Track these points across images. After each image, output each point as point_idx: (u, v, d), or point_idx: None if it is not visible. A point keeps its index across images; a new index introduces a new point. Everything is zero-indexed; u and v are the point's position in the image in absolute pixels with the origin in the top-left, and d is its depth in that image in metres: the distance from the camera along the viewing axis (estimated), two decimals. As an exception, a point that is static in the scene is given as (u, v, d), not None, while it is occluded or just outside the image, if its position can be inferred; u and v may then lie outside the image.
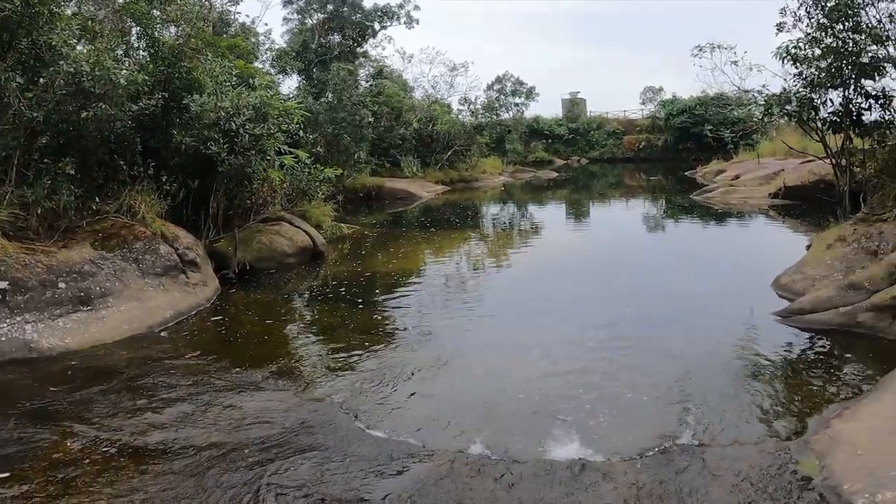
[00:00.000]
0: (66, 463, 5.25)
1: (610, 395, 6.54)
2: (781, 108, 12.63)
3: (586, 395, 6.55)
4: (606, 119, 56.32)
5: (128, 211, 10.53)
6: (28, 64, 9.78)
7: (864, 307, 8.09)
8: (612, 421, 5.96)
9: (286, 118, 12.87)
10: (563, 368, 7.33)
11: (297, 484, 4.94)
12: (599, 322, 9.07)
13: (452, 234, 18.20)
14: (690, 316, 9.38)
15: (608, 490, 4.80)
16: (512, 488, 4.87)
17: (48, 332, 8.08)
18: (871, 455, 4.90)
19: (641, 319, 9.20)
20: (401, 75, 36.75)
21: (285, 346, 8.76)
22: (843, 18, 11.16)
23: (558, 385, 6.86)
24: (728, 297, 10.27)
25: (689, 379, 6.83)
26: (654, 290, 10.88)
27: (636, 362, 7.46)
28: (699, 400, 6.29)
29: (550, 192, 31.90)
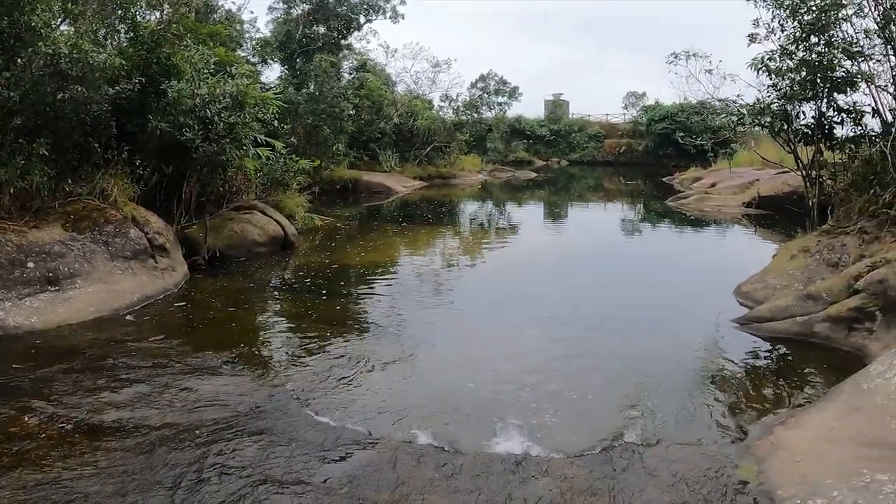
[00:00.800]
0: (21, 437, 5.46)
1: (561, 393, 6.73)
2: (754, 119, 12.90)
3: (538, 391, 6.75)
4: (588, 122, 56.87)
5: (100, 194, 10.62)
6: (7, 44, 9.86)
7: (821, 318, 8.33)
8: (560, 418, 6.16)
9: (263, 108, 13.01)
10: (521, 365, 7.54)
11: (240, 465, 5.16)
12: (562, 321, 9.37)
13: (426, 229, 18.46)
14: (652, 319, 9.64)
15: (543, 485, 4.97)
16: (450, 478, 5.06)
17: (15, 311, 8.23)
18: (808, 463, 5.05)
19: (604, 320, 9.52)
20: (384, 69, 36.94)
21: (248, 334, 8.94)
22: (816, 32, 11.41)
23: (513, 381, 7.05)
24: (691, 302, 10.59)
25: (641, 381, 7.05)
26: (620, 293, 11.21)
27: (592, 362, 7.69)
28: (648, 402, 6.50)
29: (528, 192, 32.27)
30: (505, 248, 16.35)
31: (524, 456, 5.43)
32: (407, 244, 16.05)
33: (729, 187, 25.11)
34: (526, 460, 5.36)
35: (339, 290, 11.26)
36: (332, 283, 11.64)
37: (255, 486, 4.87)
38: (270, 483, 4.93)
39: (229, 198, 13.28)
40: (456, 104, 38.26)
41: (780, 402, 6.57)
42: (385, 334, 8.77)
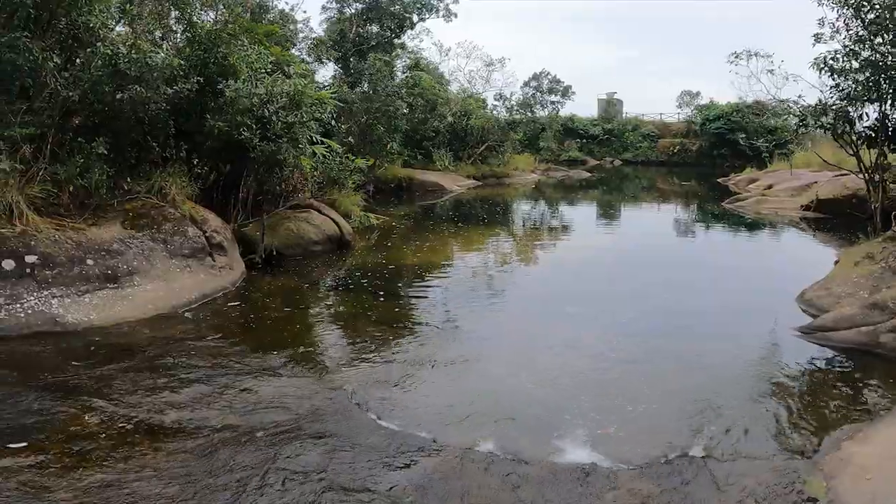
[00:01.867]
0: (82, 436, 5.35)
1: (623, 401, 6.48)
2: (817, 120, 12.46)
3: (599, 398, 6.52)
4: (642, 121, 55.76)
5: (158, 192, 10.64)
6: (66, 44, 9.93)
7: (888, 328, 7.91)
8: (623, 427, 5.91)
9: (319, 107, 12.93)
10: (580, 371, 7.30)
11: (304, 470, 4.97)
12: (619, 326, 9.04)
13: (481, 229, 18.20)
14: (712, 325, 9.29)
15: (611, 498, 4.76)
16: (517, 489, 4.85)
17: (74, 308, 8.21)
18: (878, 481, 4.82)
19: (662, 325, 9.18)
20: (437, 68, 36.72)
21: (305, 334, 8.83)
22: (882, 32, 10.97)
23: (573, 385, 6.85)
24: (752, 308, 10.16)
25: (704, 390, 6.76)
26: (678, 297, 10.81)
27: (652, 369, 7.41)
28: (712, 412, 6.22)
29: (582, 192, 31.78)
30: (559, 249, 16.03)
31: (591, 467, 5.18)
32: (463, 244, 15.81)
33: (786, 189, 24.35)
34: (593, 472, 5.11)
35: (396, 290, 11.11)
36: (389, 283, 11.48)
37: (321, 494, 4.67)
38: (336, 490, 4.73)
39: (286, 196, 13.20)
40: (510, 103, 37.93)
41: (846, 416, 6.21)
42: (443, 336, 8.58)
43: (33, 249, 8.31)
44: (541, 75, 39.82)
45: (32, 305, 7.95)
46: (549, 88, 40.06)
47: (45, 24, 9.65)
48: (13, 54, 8.70)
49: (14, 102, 9.10)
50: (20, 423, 5.52)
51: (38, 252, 8.32)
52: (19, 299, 7.91)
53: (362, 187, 18.35)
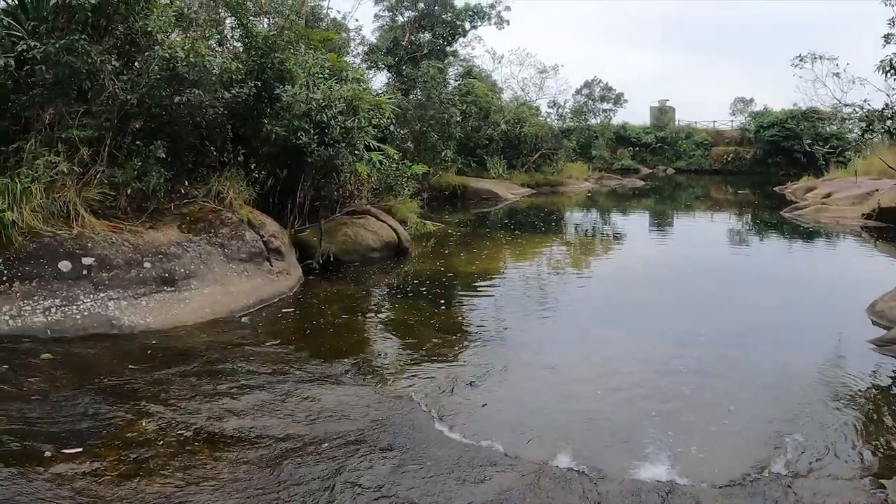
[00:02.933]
0: (139, 443, 5.06)
1: (697, 414, 6.08)
2: (883, 125, 11.84)
3: (672, 411, 6.13)
4: (695, 129, 54.89)
5: (216, 196, 10.50)
6: (124, 49, 9.86)
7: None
8: (701, 443, 5.50)
9: (377, 112, 12.74)
10: (652, 382, 6.90)
11: (374, 485, 4.62)
12: (684, 336, 8.56)
13: (538, 237, 17.81)
14: (779, 337, 8.70)
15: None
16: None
17: (131, 310, 8.03)
18: None
19: (728, 338, 8.64)
20: (490, 75, 36.48)
21: (366, 340, 8.57)
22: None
23: (643, 397, 6.45)
24: (820, 319, 9.66)
25: (780, 404, 6.34)
26: (740, 309, 10.26)
27: (726, 382, 6.97)
28: (791, 427, 5.78)
29: (636, 201, 31.08)
30: (616, 259, 15.46)
31: (672, 485, 4.77)
32: (519, 252, 15.42)
33: (846, 197, 23.47)
34: (675, 490, 4.70)
35: (455, 297, 10.80)
36: (447, 290, 11.15)
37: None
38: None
39: (342, 202, 13.02)
40: (563, 110, 37.48)
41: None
42: (506, 344, 8.26)
43: (90, 251, 8.17)
44: (593, 83, 39.27)
45: (88, 307, 7.78)
46: (602, 96, 39.48)
47: (103, 29, 9.59)
48: (72, 57, 8.61)
49: (73, 105, 9.03)
50: (76, 428, 5.26)
51: (94, 254, 8.18)
52: (75, 301, 7.76)
53: (418, 194, 18.08)
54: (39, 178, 8.20)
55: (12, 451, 4.81)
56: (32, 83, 8.60)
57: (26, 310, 7.46)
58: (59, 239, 8.08)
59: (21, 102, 8.66)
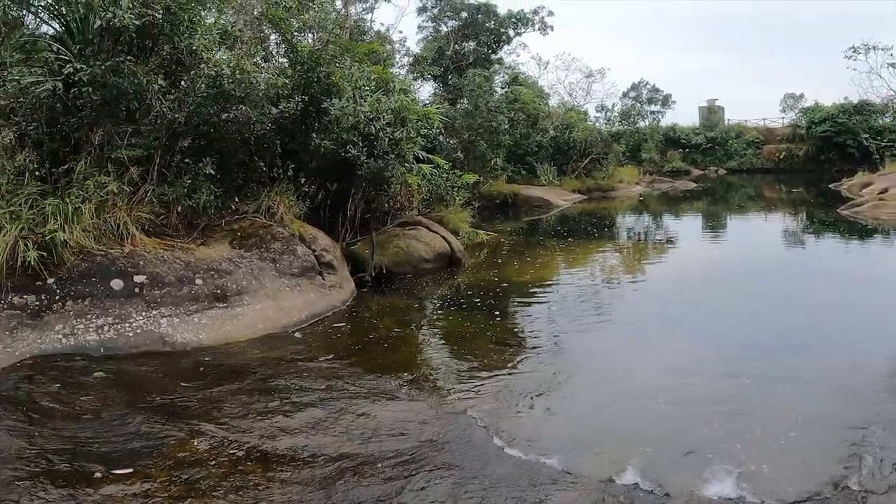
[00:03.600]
0: (191, 463, 4.93)
1: (761, 426, 5.72)
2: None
3: (735, 422, 5.79)
4: (745, 128, 53.54)
5: (266, 211, 10.44)
6: (169, 68, 9.90)
7: None
8: (769, 456, 5.17)
9: (425, 123, 12.63)
10: (713, 391, 6.58)
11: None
12: (746, 341, 8.19)
13: (590, 243, 17.39)
14: (845, 342, 8.22)
15: None
16: None
17: (183, 327, 7.97)
18: None
19: (792, 342, 8.24)
20: (536, 82, 36.13)
21: (420, 354, 8.37)
22: None
23: (709, 410, 6.09)
24: (884, 320, 9.16)
25: (848, 414, 5.92)
26: (802, 310, 9.84)
27: (790, 390, 6.58)
28: (861, 439, 5.40)
29: (688, 204, 30.28)
30: (671, 263, 14.96)
31: (740, 502, 4.51)
32: (574, 259, 15.09)
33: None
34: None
35: (510, 308, 10.53)
36: (502, 301, 10.89)
37: (454, 533, 4.11)
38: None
39: (393, 214, 12.88)
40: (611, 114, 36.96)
41: None
42: (563, 354, 8.00)
43: (142, 269, 8.14)
44: (640, 85, 38.62)
45: (141, 325, 7.74)
46: (649, 98, 38.78)
47: (149, 49, 9.66)
48: (118, 78, 8.64)
49: (121, 125, 9.06)
50: (127, 448, 5.15)
51: (146, 272, 8.15)
52: (128, 318, 7.72)
53: (469, 204, 17.88)
54: (90, 198, 8.21)
55: (62, 471, 4.71)
56: (81, 105, 8.65)
57: (79, 328, 7.44)
58: (110, 257, 8.07)
59: (70, 124, 8.72)
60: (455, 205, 15.79)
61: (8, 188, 7.84)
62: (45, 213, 7.79)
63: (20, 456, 4.84)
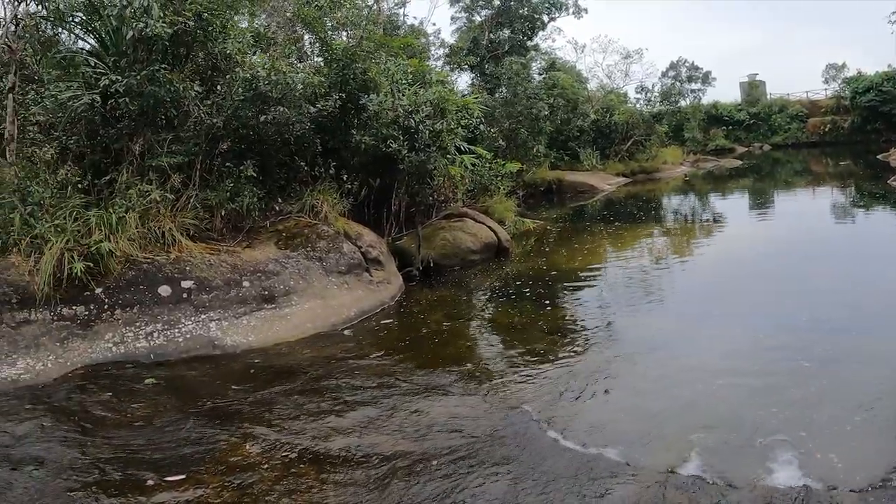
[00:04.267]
0: (243, 467, 4.85)
1: (826, 410, 5.50)
2: None
3: (801, 409, 5.55)
4: (788, 101, 52.02)
5: (310, 210, 10.42)
6: (205, 74, 9.93)
7: None
8: (833, 441, 4.97)
9: (465, 113, 12.47)
10: (771, 376, 6.32)
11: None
12: (803, 323, 7.91)
13: (637, 227, 17.04)
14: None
15: None
16: None
17: (232, 330, 7.95)
18: None
19: (852, 322, 7.89)
20: (573, 66, 35.68)
21: (471, 347, 8.20)
22: None
23: (768, 396, 5.86)
24: None
25: None
26: (859, 289, 9.40)
27: (852, 373, 6.32)
28: None
29: (734, 182, 29.56)
30: (720, 242, 14.57)
31: (807, 490, 4.32)
32: (621, 244, 14.78)
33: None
34: (810, 496, 4.24)
35: (560, 296, 10.31)
36: (552, 289, 10.67)
37: (514, 532, 3.96)
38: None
39: (438, 206, 12.77)
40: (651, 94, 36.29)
41: None
42: (616, 342, 7.81)
43: (188, 274, 8.14)
44: (678, 63, 37.82)
45: (190, 329, 7.73)
46: (689, 76, 37.97)
47: (183, 56, 9.69)
48: (154, 87, 8.67)
49: (160, 133, 9.08)
50: (179, 454, 5.10)
51: (193, 277, 8.14)
52: (177, 324, 7.72)
53: (513, 192, 17.66)
54: (133, 207, 8.23)
55: (115, 480, 4.67)
56: (119, 116, 8.72)
57: (129, 336, 7.46)
58: (157, 264, 8.08)
59: (110, 135, 8.78)
60: (499, 194, 15.62)
61: (52, 202, 7.87)
62: (90, 225, 7.83)
63: (73, 466, 4.81)
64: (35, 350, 6.97)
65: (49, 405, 6.01)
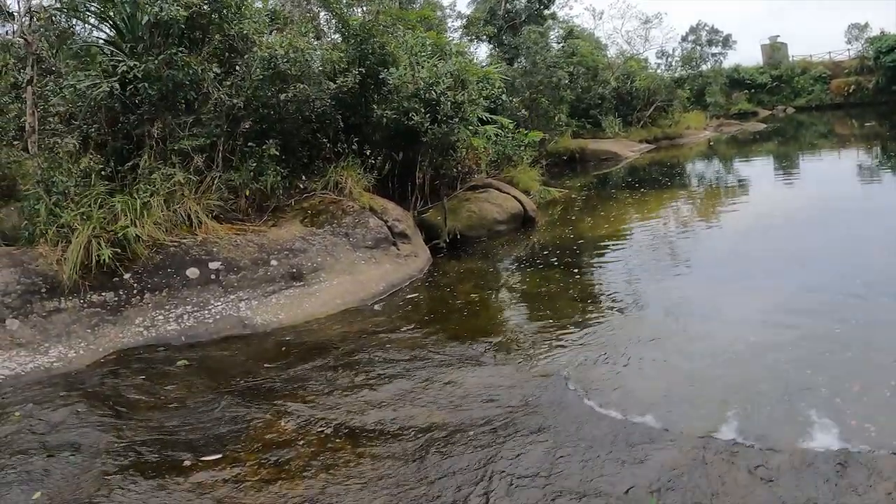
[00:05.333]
0: (279, 444, 4.83)
1: (863, 374, 5.36)
2: None
3: (836, 374, 5.41)
4: (811, 63, 50.89)
5: (335, 187, 10.37)
6: (223, 56, 9.90)
7: None
8: (870, 405, 4.85)
9: (486, 84, 12.33)
10: (805, 340, 6.17)
11: (529, 473, 4.21)
12: (831, 288, 7.70)
13: (662, 193, 16.76)
14: None
15: (882, 490, 3.84)
16: (771, 484, 3.98)
17: (262, 309, 7.94)
18: None
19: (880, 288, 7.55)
20: (592, 33, 35.12)
21: (502, 317, 8.14)
22: None
23: (800, 359, 5.73)
24: None
25: None
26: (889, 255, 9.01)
27: (890, 338, 6.11)
28: None
29: (758, 146, 28.88)
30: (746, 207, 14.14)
31: (846, 454, 4.22)
32: (647, 210, 14.54)
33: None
34: (850, 459, 4.14)
35: (588, 264, 10.20)
36: (580, 257, 10.56)
37: (552, 501, 3.90)
38: (569, 496, 3.97)
39: (462, 178, 12.65)
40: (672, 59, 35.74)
41: None
42: (646, 309, 7.69)
43: (216, 256, 8.13)
44: (698, 27, 37.33)
45: (220, 310, 7.74)
46: (709, 40, 37.48)
47: (200, 39, 9.62)
48: (173, 71, 8.63)
49: (181, 116, 9.04)
50: (214, 434, 5.08)
51: (220, 258, 8.13)
52: (206, 306, 7.73)
53: (537, 162, 17.48)
54: (157, 191, 8.22)
55: (151, 462, 4.67)
56: (139, 102, 8.69)
57: (159, 319, 7.48)
58: (184, 247, 8.08)
59: (131, 122, 8.77)
60: (523, 164, 15.46)
61: (76, 191, 7.85)
62: (115, 211, 7.81)
63: (109, 450, 4.81)
64: (67, 338, 7.00)
65: (83, 391, 6.02)
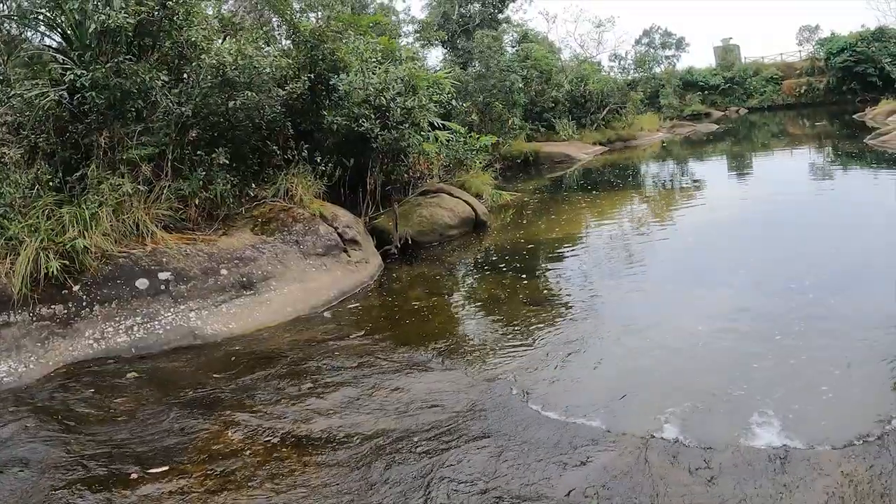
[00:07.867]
0: (225, 455, 4.88)
1: (805, 371, 5.60)
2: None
3: (773, 370, 5.66)
4: (763, 65, 52.18)
5: (285, 194, 10.39)
6: (172, 63, 9.87)
7: None
8: (812, 402, 5.07)
9: (437, 89, 12.45)
10: (746, 341, 6.40)
11: (471, 478, 4.34)
12: (779, 288, 7.93)
13: (615, 195, 17.03)
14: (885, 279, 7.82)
15: (823, 487, 4.00)
16: (711, 483, 4.14)
17: (212, 319, 7.94)
18: None
19: (828, 287, 7.85)
20: (546, 37, 35.52)
21: (452, 322, 8.25)
22: None
23: (743, 359, 5.95)
24: None
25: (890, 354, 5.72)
26: (840, 253, 9.40)
27: (830, 334, 6.35)
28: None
29: (711, 146, 29.53)
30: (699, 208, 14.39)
31: (786, 450, 4.42)
32: (599, 213, 14.78)
33: (933, 118, 21.72)
34: (790, 455, 4.34)
35: (538, 268, 10.35)
36: (530, 261, 10.71)
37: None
38: (508, 499, 4.10)
39: (414, 183, 12.80)
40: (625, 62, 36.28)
41: None
42: (595, 312, 7.84)
43: (165, 266, 8.11)
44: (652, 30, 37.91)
45: (170, 321, 7.72)
46: (662, 42, 38.15)
47: (149, 46, 9.59)
48: (120, 79, 8.58)
49: (129, 125, 8.98)
50: (162, 446, 5.12)
51: (170, 268, 8.11)
52: (156, 316, 7.70)
53: (490, 166, 17.64)
54: (106, 201, 8.15)
55: (99, 475, 4.69)
56: (87, 111, 8.60)
57: (109, 331, 7.43)
58: (133, 258, 8.04)
59: (79, 131, 8.69)
60: (476, 168, 15.62)
61: (24, 202, 7.78)
62: (64, 222, 7.75)
63: (57, 465, 4.82)
64: (16, 352, 6.92)
65: (32, 406, 5.99)
